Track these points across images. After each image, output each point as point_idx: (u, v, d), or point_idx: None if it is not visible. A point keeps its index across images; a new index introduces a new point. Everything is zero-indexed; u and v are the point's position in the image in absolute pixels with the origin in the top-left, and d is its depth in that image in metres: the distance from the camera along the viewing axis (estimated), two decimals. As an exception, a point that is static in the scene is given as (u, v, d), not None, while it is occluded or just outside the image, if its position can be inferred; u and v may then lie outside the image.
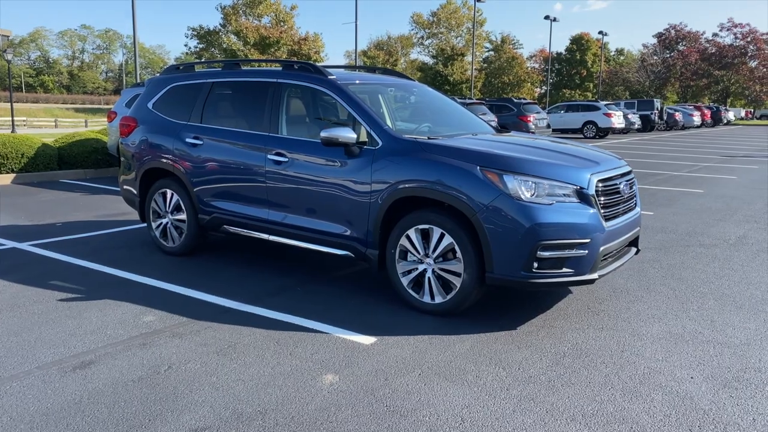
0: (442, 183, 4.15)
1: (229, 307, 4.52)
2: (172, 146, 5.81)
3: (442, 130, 5.20)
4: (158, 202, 6.04)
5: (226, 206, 5.48)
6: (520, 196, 3.95)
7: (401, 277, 4.46)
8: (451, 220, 4.16)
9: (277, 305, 4.55)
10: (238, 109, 5.66)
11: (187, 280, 5.16)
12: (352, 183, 4.57)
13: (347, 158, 4.62)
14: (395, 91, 5.76)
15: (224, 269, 5.51)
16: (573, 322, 4.30)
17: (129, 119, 6.34)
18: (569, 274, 4.04)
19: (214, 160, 5.49)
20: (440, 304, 4.30)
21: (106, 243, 6.51)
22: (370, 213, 4.52)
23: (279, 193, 5.06)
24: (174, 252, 5.96)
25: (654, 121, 35.47)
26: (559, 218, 3.96)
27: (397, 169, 4.38)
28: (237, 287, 4.97)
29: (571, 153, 4.59)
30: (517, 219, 3.93)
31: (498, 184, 4.00)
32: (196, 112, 5.78)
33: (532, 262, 3.95)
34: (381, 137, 4.54)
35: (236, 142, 5.34)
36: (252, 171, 5.19)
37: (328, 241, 4.82)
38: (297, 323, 4.20)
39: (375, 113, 4.73)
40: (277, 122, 5.14)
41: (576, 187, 4.07)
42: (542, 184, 4.01)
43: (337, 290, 4.93)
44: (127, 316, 4.33)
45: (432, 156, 4.29)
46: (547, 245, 3.94)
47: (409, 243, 4.37)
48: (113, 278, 5.23)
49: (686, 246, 6.60)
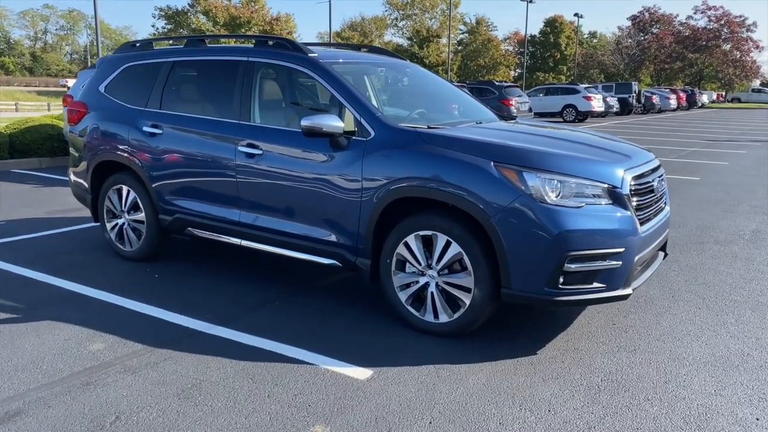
0: (448, 182, 3.48)
1: (194, 330, 3.80)
2: (127, 136, 5.02)
3: (441, 118, 4.51)
4: (113, 200, 5.27)
5: (191, 206, 4.73)
6: (544, 198, 3.30)
7: (398, 291, 3.79)
8: (460, 226, 3.49)
9: (252, 326, 3.84)
10: (203, 93, 4.89)
11: (147, 293, 4.42)
12: (338, 180, 3.87)
13: (333, 151, 3.91)
14: (386, 71, 5.04)
15: (191, 279, 4.77)
16: (599, 342, 3.69)
17: (78, 104, 5.53)
18: (600, 290, 3.41)
19: (175, 152, 4.72)
20: (445, 324, 3.64)
21: (56, 246, 5.71)
22: (361, 216, 3.83)
23: (252, 192, 4.33)
24: (132, 257, 5.20)
25: (632, 105, 35.21)
26: (590, 224, 3.32)
27: (393, 164, 3.69)
28: (205, 302, 4.25)
29: (597, 145, 3.94)
30: (541, 225, 3.27)
31: (517, 184, 3.34)
32: (154, 97, 4.99)
33: (558, 277, 3.31)
34: (373, 126, 3.83)
35: (201, 131, 4.59)
36: (220, 165, 4.45)
37: (311, 248, 4.12)
38: (276, 350, 3.50)
39: (365, 98, 4.02)
40: (249, 108, 4.39)
41: (608, 186, 3.43)
42: (569, 183, 3.36)
43: (322, 305, 4.24)
44: (71, 344, 3.59)
45: (435, 149, 3.60)
46: (576, 256, 3.29)
47: (408, 252, 3.70)
48: (59, 292, 4.46)
49: (700, 243, 6.05)
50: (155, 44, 5.39)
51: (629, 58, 70.17)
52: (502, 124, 4.46)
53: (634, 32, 71.63)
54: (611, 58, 72.23)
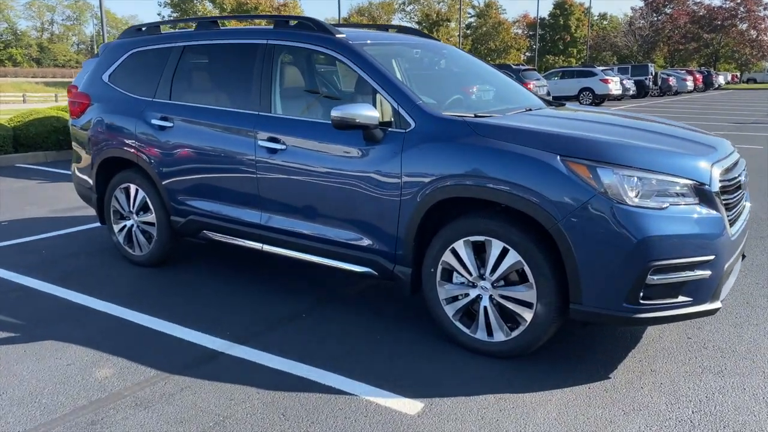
0: (506, 180, 2.99)
1: (214, 351, 3.35)
2: (134, 129, 4.56)
3: (487, 105, 4.01)
4: (120, 200, 4.81)
5: (206, 206, 4.26)
6: (623, 198, 2.80)
7: (445, 305, 3.32)
8: (519, 231, 3.00)
9: (278, 346, 3.39)
10: (218, 81, 4.41)
11: (158, 305, 3.98)
12: (373, 178, 3.39)
13: (367, 145, 3.43)
14: (422, 53, 4.53)
15: (206, 288, 4.32)
16: (678, 362, 3.20)
17: (80, 95, 5.06)
18: (686, 304, 2.92)
19: (187, 148, 4.25)
20: (502, 343, 3.17)
21: (60, 249, 5.27)
22: (401, 218, 3.35)
23: (275, 191, 3.86)
24: (142, 262, 4.75)
25: (648, 87, 34.37)
26: (676, 228, 2.82)
27: (439, 159, 3.20)
28: (223, 316, 3.80)
29: (674, 134, 3.43)
30: (619, 231, 2.78)
31: (589, 182, 2.84)
32: (163, 86, 4.52)
33: (638, 291, 2.82)
34: (414, 116, 3.34)
35: (216, 123, 4.11)
36: (238, 162, 3.97)
37: (342, 254, 3.65)
38: (308, 377, 3.05)
39: (404, 84, 3.52)
40: (269, 97, 3.91)
41: (694, 183, 2.92)
42: (650, 181, 2.86)
43: (355, 319, 3.77)
44: (74, 370, 3.15)
45: (488, 141, 3.11)
46: (661, 267, 2.80)
47: (456, 260, 3.22)
48: (62, 304, 4.02)
49: (760, 238, 5.52)
50: (163, 28, 4.91)
51: (642, 39, 68.83)
52: (558, 112, 3.95)
53: (648, 12, 70.19)
54: (624, 40, 70.89)
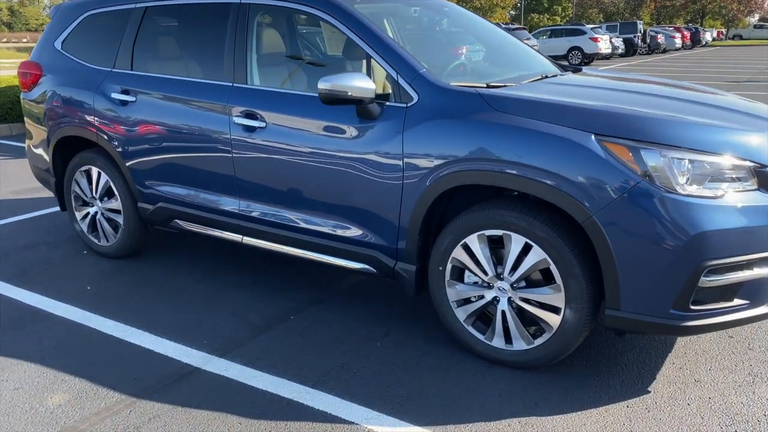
0: (529, 164, 2.51)
1: (188, 366, 2.88)
2: (92, 104, 3.99)
3: (498, 72, 3.50)
4: (81, 184, 4.27)
5: (177, 192, 3.75)
6: (672, 185, 2.34)
7: (455, 308, 2.87)
8: (545, 224, 2.54)
9: (264, 357, 2.93)
10: (185, 48, 3.85)
11: (127, 307, 3.49)
12: (370, 162, 2.89)
13: (361, 122, 2.92)
14: (420, 12, 3.98)
15: (183, 284, 3.83)
16: (723, 369, 2.79)
17: (30, 65, 4.45)
18: (742, 308, 2.48)
19: (152, 125, 3.71)
20: (523, 352, 2.73)
21: (18, 238, 4.73)
22: (403, 207, 2.87)
23: (253, 175, 3.35)
24: (109, 254, 4.24)
25: (637, 45, 33.74)
26: (733, 220, 2.37)
27: (447, 140, 2.71)
28: (200, 321, 3.32)
29: (721, 105, 2.95)
30: (668, 225, 2.32)
31: (631, 165, 2.37)
32: (123, 54, 3.94)
33: (689, 295, 2.38)
34: (417, 87, 2.83)
35: (183, 97, 3.56)
36: (210, 141, 3.45)
37: (334, 249, 3.17)
38: (298, 399, 2.60)
39: (404, 49, 2.99)
40: (245, 66, 3.37)
41: (754, 165, 2.46)
42: (703, 163, 2.40)
43: (350, 322, 3.31)
44: (23, 397, 2.67)
45: (506, 117, 2.61)
46: (717, 266, 2.36)
47: (469, 256, 2.76)
48: (15, 308, 3.52)
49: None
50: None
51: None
52: (581, 79, 3.44)
53: (634, -32, 68.86)
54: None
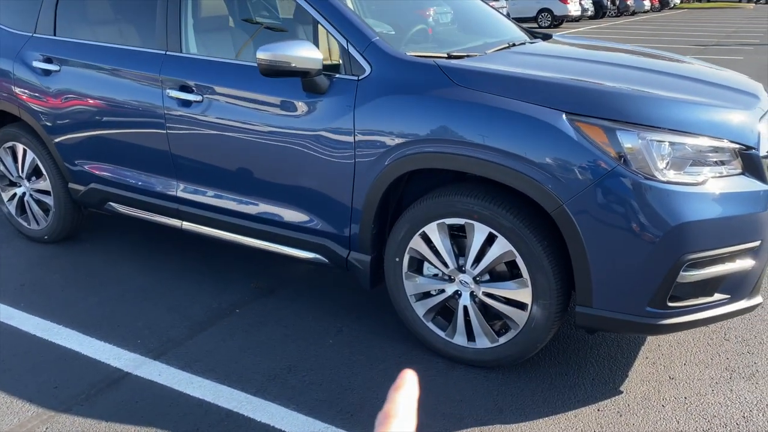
0: (493, 147, 2.24)
1: (118, 371, 2.59)
2: (12, 74, 3.58)
3: (459, 39, 3.19)
4: (6, 163, 3.88)
5: (109, 172, 3.39)
6: (651, 171, 2.10)
7: (414, 302, 2.62)
8: (510, 214, 2.28)
9: (203, 358, 2.65)
10: (113, 10, 3.44)
11: (54, 301, 3.16)
12: (319, 138, 2.59)
13: (308, 97, 2.60)
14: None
15: (120, 274, 3.50)
16: (700, 363, 2.61)
17: (-57, 29, 3.99)
18: (723, 302, 2.28)
19: (79, 97, 3.32)
20: (486, 351, 2.51)
21: (-58, 220, 4.32)
22: (355, 192, 2.58)
23: (191, 155, 3.02)
24: (40, 238, 3.88)
25: (606, 7, 33.45)
26: (718, 209, 2.15)
27: (403, 119, 2.41)
28: (137, 314, 3.02)
29: (704, 78, 2.70)
30: (646, 216, 2.09)
31: (605, 148, 2.11)
32: (45, 17, 3.52)
33: (667, 291, 2.17)
34: (369, 57, 2.51)
35: (111, 67, 3.18)
36: (142, 116, 3.09)
37: (282, 236, 2.88)
38: (238, 411, 2.33)
39: (355, 14, 2.66)
40: (179, 31, 3.00)
41: (738, 147, 2.23)
42: (684, 146, 2.15)
43: (305, 315, 3.04)
44: (-77, 411, 2.35)
45: (467, 93, 2.32)
46: (698, 260, 2.14)
47: (428, 247, 2.50)
48: (-73, 304, 3.17)
49: None
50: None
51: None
52: (551, 48, 3.14)
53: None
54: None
